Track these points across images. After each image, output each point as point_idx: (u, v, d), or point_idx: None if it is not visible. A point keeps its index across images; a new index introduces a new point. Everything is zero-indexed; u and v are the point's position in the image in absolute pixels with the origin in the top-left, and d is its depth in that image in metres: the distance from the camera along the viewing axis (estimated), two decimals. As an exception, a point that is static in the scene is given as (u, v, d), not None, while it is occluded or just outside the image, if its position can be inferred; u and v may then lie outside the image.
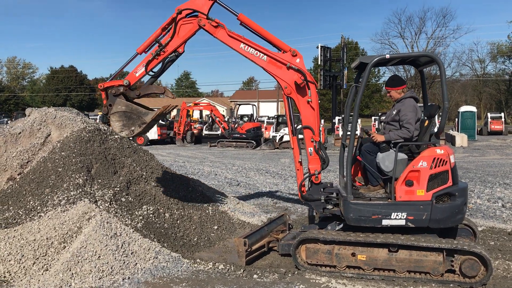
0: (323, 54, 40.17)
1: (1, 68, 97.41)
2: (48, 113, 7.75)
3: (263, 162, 17.80)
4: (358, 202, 5.30)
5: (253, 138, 26.09)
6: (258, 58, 6.13)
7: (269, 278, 5.25)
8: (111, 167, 7.26)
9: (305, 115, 6.11)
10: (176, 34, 6.12)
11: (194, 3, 6.12)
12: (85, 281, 4.96)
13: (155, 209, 6.90)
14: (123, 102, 6.07)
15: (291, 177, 13.09)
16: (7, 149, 7.17)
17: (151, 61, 6.15)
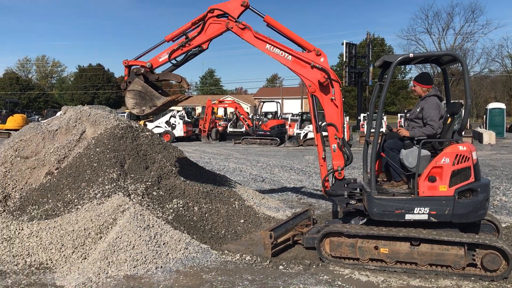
0: (348, 50, 40.00)
1: (31, 67, 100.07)
2: (83, 111, 8.13)
3: (287, 159, 18.00)
4: (382, 197, 5.47)
5: (277, 135, 26.28)
6: (283, 58, 6.38)
7: (294, 269, 5.47)
8: (143, 162, 7.59)
9: (329, 113, 6.30)
10: (204, 31, 6.47)
11: (227, 6, 6.42)
12: (121, 269, 5.27)
13: (184, 202, 7.19)
14: (141, 82, 6.46)
15: (315, 174, 13.27)
16: (45, 145, 7.57)
17: (176, 50, 6.52)
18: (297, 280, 5.09)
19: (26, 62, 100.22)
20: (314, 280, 5.09)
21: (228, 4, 6.44)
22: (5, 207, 6.54)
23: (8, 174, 7.05)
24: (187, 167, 8.53)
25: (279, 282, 5.02)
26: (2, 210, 6.45)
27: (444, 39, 62.15)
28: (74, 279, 5.04)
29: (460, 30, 60.78)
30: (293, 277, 5.18)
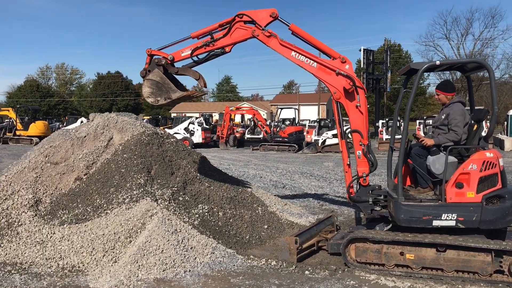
0: (366, 57, 39.96)
1: (51, 74, 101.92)
2: (110, 118, 8.33)
3: (306, 165, 18.04)
4: (409, 203, 5.50)
5: (295, 142, 26.33)
6: (309, 65, 6.48)
7: (320, 274, 5.54)
8: (169, 168, 7.74)
9: (353, 119, 6.37)
10: (229, 34, 6.62)
11: (256, 14, 6.56)
12: (151, 272, 5.40)
13: (209, 208, 7.31)
14: (160, 73, 6.64)
15: (335, 181, 13.30)
16: (74, 151, 7.77)
17: (199, 48, 6.68)
18: (324, 285, 5.16)
19: (46, 69, 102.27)
20: (340, 285, 5.14)
21: (258, 12, 6.57)
22: (36, 211, 6.73)
23: (38, 179, 7.25)
24: (211, 173, 8.66)
25: (306, 287, 5.09)
26: (33, 214, 6.63)
27: (463, 44, 61.67)
28: (107, 281, 5.18)
29: (479, 36, 60.16)
30: (320, 282, 5.24)
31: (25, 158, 8.05)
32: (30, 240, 6.21)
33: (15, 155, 23.52)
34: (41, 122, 35.73)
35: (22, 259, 5.95)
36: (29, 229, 6.39)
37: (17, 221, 6.53)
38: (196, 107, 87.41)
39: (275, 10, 6.54)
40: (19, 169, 7.56)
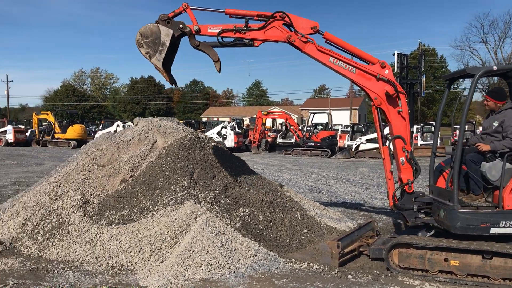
0: (399, 61, 39.30)
1: (86, 79, 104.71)
2: (154, 122, 8.58)
3: (341, 170, 18.00)
4: (465, 211, 5.42)
5: (328, 147, 26.27)
6: (347, 71, 6.32)
7: (363, 279, 5.57)
8: (210, 171, 7.91)
9: (396, 125, 6.31)
10: (264, 30, 6.28)
11: (298, 21, 6.30)
12: (197, 272, 5.55)
13: (250, 211, 7.43)
14: (168, 38, 6.13)
15: (372, 186, 13.24)
16: (120, 154, 8.04)
17: (228, 31, 6.28)
18: (368, 289, 5.19)
19: (81, 74, 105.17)
20: (385, 290, 5.17)
21: (300, 20, 6.31)
22: (85, 212, 7.00)
23: (86, 181, 7.54)
24: (250, 177, 8.79)
25: (351, 291, 5.14)
26: (82, 215, 6.91)
27: (501, 48, 60.09)
28: (156, 280, 5.36)
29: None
30: (364, 286, 5.28)
31: (73, 160, 8.38)
32: (80, 239, 6.48)
33: (55, 157, 24.32)
34: (79, 125, 36.75)
35: (73, 257, 6.21)
36: (78, 228, 6.66)
37: (67, 221, 6.81)
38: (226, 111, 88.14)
39: (317, 24, 6.31)
40: (68, 171, 7.88)
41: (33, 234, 6.73)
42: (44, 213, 6.98)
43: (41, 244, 6.54)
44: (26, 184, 12.91)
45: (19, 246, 6.64)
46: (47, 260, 6.18)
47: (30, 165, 20.01)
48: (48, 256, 6.32)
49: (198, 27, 6.27)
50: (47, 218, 6.89)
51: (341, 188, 12.97)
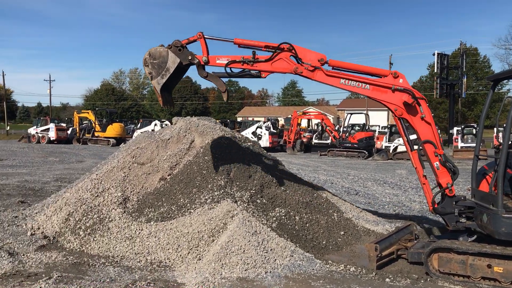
0: (439, 61, 38.40)
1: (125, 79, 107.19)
2: (192, 122, 8.70)
3: (378, 172, 17.72)
4: (510, 216, 5.22)
5: (365, 148, 25.90)
6: (361, 89, 6.23)
7: (401, 282, 5.47)
8: (247, 171, 7.94)
9: (422, 132, 6.14)
10: (271, 62, 6.26)
11: (305, 54, 6.22)
12: (234, 271, 5.59)
13: (286, 211, 7.42)
14: (174, 65, 6.16)
15: (411, 189, 12.97)
16: (159, 153, 8.19)
17: (236, 62, 6.30)
18: (407, 293, 5.09)
19: (120, 74, 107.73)
20: (424, 295, 5.06)
21: (307, 53, 6.23)
22: (125, 208, 7.17)
23: (126, 178, 7.72)
24: (286, 177, 8.77)
25: (389, 295, 5.05)
26: (122, 211, 7.07)
27: (548, 48, 57.59)
28: (193, 277, 5.43)
29: None
30: (402, 291, 5.19)
31: (114, 158, 8.59)
32: (120, 235, 6.64)
33: (95, 155, 25.00)
34: (118, 124, 37.63)
35: (113, 253, 6.37)
36: (118, 225, 6.82)
37: (107, 217, 6.99)
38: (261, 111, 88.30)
39: (324, 56, 6.22)
40: (109, 168, 8.09)
41: (75, 229, 6.95)
42: (86, 209, 7.19)
43: (83, 239, 6.74)
44: (68, 180, 13.33)
45: (62, 240, 6.86)
46: (88, 255, 6.36)
47: (71, 162, 20.65)
48: (89, 251, 6.50)
49: (206, 58, 6.30)
50: (89, 214, 7.10)
51: (378, 191, 12.77)
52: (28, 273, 5.54)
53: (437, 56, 38.57)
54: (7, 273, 5.52)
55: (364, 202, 10.91)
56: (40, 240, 6.84)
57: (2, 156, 22.64)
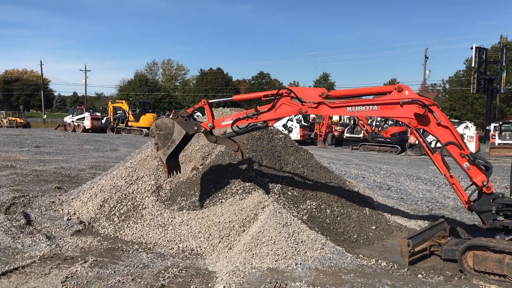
0: (478, 55, 37.36)
1: (158, 70, 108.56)
2: (224, 113, 8.73)
3: (411, 168, 17.43)
4: None
5: (398, 143, 25.49)
6: (370, 111, 6.15)
7: (434, 279, 5.37)
8: (278, 163, 7.95)
9: (441, 137, 5.96)
10: (274, 109, 6.26)
11: (306, 93, 6.20)
12: (264, 261, 5.62)
13: (317, 204, 7.39)
14: (181, 136, 6.31)
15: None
16: (191, 143, 8.27)
17: (241, 119, 6.37)
18: (440, 290, 5.01)
19: (153, 65, 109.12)
20: (458, 293, 4.96)
21: (306, 91, 6.22)
22: (158, 196, 7.29)
23: (159, 167, 7.84)
24: (318, 170, 8.72)
25: (421, 291, 4.98)
26: (156, 199, 7.20)
27: None
28: (224, 266, 5.49)
29: None
30: (435, 287, 5.10)
31: (147, 147, 8.74)
32: (153, 222, 6.77)
33: (129, 144, 25.50)
34: (151, 114, 38.27)
35: (146, 240, 6.50)
36: (152, 212, 6.95)
37: (141, 205, 7.13)
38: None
39: (325, 90, 6.17)
40: (143, 157, 8.24)
41: (109, 215, 7.13)
42: (120, 196, 7.36)
43: (117, 225, 6.91)
44: (103, 168, 13.65)
45: (97, 226, 7.05)
46: (122, 241, 6.51)
47: (105, 150, 21.13)
48: (123, 237, 6.66)
49: (212, 124, 6.39)
50: (123, 201, 7.26)
51: (411, 186, 12.57)
52: (64, 257, 5.73)
53: (475, 50, 37.53)
54: (45, 255, 5.71)
55: (396, 197, 10.76)
56: (76, 225, 7.05)
57: (39, 143, 23.37)
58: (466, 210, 8.68)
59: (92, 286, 4.79)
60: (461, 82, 58.11)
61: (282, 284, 4.99)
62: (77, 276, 5.04)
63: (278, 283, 5.01)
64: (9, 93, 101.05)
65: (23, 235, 6.47)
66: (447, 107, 61.85)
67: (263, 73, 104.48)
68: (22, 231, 6.63)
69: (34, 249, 5.94)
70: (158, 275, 5.17)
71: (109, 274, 5.14)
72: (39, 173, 12.34)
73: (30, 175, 11.91)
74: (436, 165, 6.19)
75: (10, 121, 49.49)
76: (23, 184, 10.55)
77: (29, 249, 5.91)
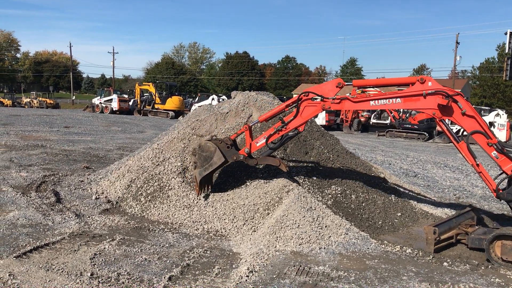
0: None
1: (184, 53, 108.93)
2: (250, 96, 8.73)
3: (438, 155, 17.14)
4: None
5: (426, 130, 25.07)
6: (393, 104, 6.14)
7: (460, 267, 5.31)
8: (303, 148, 7.92)
9: (467, 126, 5.83)
10: (299, 114, 6.40)
11: (322, 89, 6.35)
12: (288, 244, 5.65)
13: (342, 189, 7.36)
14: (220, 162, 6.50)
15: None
16: (217, 125, 8.32)
17: (273, 135, 6.53)
18: (466, 278, 4.95)
19: (180, 48, 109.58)
20: (484, 281, 4.89)
21: (323, 87, 6.36)
22: (184, 178, 7.38)
23: (186, 149, 7.91)
24: (343, 156, 8.66)
25: (446, 278, 4.93)
26: (182, 181, 7.28)
27: None
28: (248, 248, 5.54)
29: None
30: (461, 275, 5.04)
31: (174, 129, 8.83)
32: (179, 203, 6.86)
33: (155, 126, 25.79)
34: (177, 97, 38.53)
35: (172, 220, 6.60)
36: (178, 193, 7.05)
37: (167, 186, 7.23)
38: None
39: (340, 80, 6.27)
40: (169, 139, 8.33)
41: (136, 195, 7.26)
42: (147, 176, 7.48)
43: (144, 205, 7.03)
44: (130, 149, 13.87)
45: (124, 205, 7.20)
46: (148, 220, 6.63)
47: (133, 132, 21.43)
48: (150, 217, 6.78)
49: (248, 149, 6.61)
50: (150, 181, 7.37)
51: (438, 174, 12.37)
52: (93, 234, 5.87)
53: (510, 35, 36.27)
54: (74, 232, 5.87)
55: (423, 184, 10.61)
56: (104, 204, 7.21)
57: (68, 124, 23.86)
58: (494, 199, 8.54)
59: (120, 263, 4.90)
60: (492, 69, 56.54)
61: (305, 268, 5.01)
62: (105, 254, 5.16)
63: (301, 267, 5.04)
64: (39, 74, 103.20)
65: (53, 212, 6.65)
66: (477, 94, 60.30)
67: (289, 57, 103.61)
68: (52, 209, 6.82)
69: (64, 226, 6.11)
70: (184, 255, 5.26)
71: (136, 252, 5.25)
72: (68, 152, 12.63)
73: (60, 154, 12.20)
74: (462, 154, 6.09)
75: (40, 101, 50.64)
76: (53, 163, 10.82)
77: (59, 226, 6.08)
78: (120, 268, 4.75)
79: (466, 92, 72.01)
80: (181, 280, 4.56)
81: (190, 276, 4.67)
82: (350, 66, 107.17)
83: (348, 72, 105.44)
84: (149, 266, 4.87)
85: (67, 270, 4.62)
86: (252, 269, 4.87)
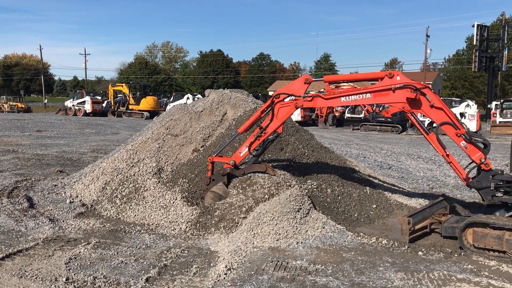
0: (479, 33, 37.04)
1: (157, 52, 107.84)
2: (224, 94, 8.72)
3: (412, 147, 17.44)
4: None
5: (399, 123, 25.46)
6: (364, 99, 6.33)
7: (434, 256, 5.43)
8: (278, 144, 7.96)
9: (436, 118, 6.02)
10: (275, 117, 6.59)
11: (291, 88, 6.56)
12: (265, 241, 5.67)
13: (318, 184, 7.42)
14: (224, 188, 6.67)
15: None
16: (192, 124, 8.29)
17: (254, 142, 6.68)
18: (440, 266, 5.06)
19: (153, 47, 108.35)
20: (458, 268, 5.01)
21: (292, 85, 6.56)
22: (159, 178, 7.32)
23: (161, 149, 7.86)
24: (318, 150, 8.74)
25: (421, 267, 5.03)
26: (157, 181, 7.23)
27: None
28: (226, 246, 5.54)
29: None
30: (435, 264, 5.15)
31: (148, 129, 8.75)
32: (155, 204, 6.81)
33: (130, 127, 25.50)
34: (151, 97, 38.13)
35: (149, 221, 6.55)
36: (153, 194, 6.99)
37: (143, 187, 7.17)
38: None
39: (308, 76, 6.50)
40: (144, 139, 8.25)
41: (112, 197, 7.17)
42: (122, 178, 7.39)
43: (119, 208, 6.95)
44: (104, 151, 13.68)
45: (99, 208, 7.10)
46: (124, 222, 6.56)
47: (107, 134, 21.15)
48: (126, 219, 6.71)
49: (233, 161, 6.76)
50: (125, 183, 7.30)
51: (412, 165, 12.59)
52: (68, 238, 5.78)
53: (477, 28, 37.19)
54: (48, 237, 5.77)
55: (397, 176, 10.79)
56: (78, 208, 7.10)
57: (41, 127, 23.38)
58: (466, 188, 8.75)
59: (96, 267, 4.84)
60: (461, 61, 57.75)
61: (283, 263, 5.05)
62: (80, 258, 5.09)
63: (279, 262, 5.07)
64: (9, 78, 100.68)
65: (26, 218, 6.52)
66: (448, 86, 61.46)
67: (264, 54, 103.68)
68: (25, 214, 6.68)
69: (37, 231, 5.99)
70: (161, 255, 5.22)
71: (112, 255, 5.20)
72: (41, 157, 12.39)
73: (32, 159, 11.96)
74: (432, 145, 6.25)
75: (11, 106, 49.42)
76: (25, 168, 10.60)
77: (33, 232, 5.97)
78: (96, 272, 4.69)
79: (437, 84, 73.45)
80: (158, 281, 4.53)
81: (167, 277, 4.64)
82: (324, 62, 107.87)
83: (322, 68, 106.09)
84: (125, 269, 4.83)
85: (41, 276, 4.53)
86: (230, 266, 4.87)
